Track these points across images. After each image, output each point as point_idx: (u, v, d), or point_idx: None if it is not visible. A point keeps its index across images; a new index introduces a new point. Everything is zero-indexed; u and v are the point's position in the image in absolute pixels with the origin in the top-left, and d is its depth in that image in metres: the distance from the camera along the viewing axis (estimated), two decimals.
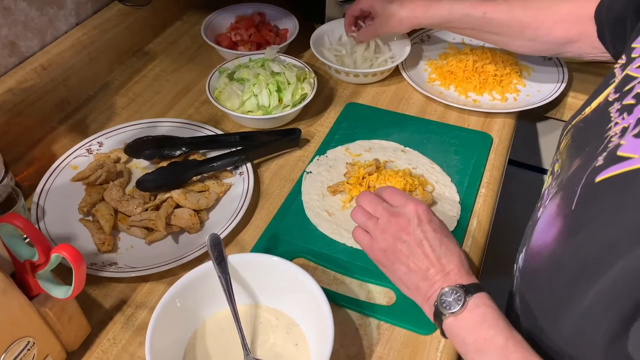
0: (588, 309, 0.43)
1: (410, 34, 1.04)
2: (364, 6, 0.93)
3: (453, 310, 0.52)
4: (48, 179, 0.77)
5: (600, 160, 0.46)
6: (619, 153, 0.44)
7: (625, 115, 0.48)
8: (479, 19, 0.82)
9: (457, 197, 0.77)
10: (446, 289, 0.53)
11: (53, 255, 0.49)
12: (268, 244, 0.71)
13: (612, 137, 0.48)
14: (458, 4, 0.83)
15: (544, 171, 1.16)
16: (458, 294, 0.52)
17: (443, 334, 0.54)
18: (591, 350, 0.44)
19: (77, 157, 0.81)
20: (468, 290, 0.53)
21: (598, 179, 0.45)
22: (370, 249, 0.61)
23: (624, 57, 0.57)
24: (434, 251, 0.56)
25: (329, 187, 0.78)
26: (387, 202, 0.62)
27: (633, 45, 0.57)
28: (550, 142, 1.11)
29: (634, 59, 0.55)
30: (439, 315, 0.53)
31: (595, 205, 0.44)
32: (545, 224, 0.50)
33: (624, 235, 0.40)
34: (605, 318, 0.41)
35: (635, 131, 0.44)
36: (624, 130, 0.47)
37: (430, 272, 0.56)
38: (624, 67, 0.56)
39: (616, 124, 0.48)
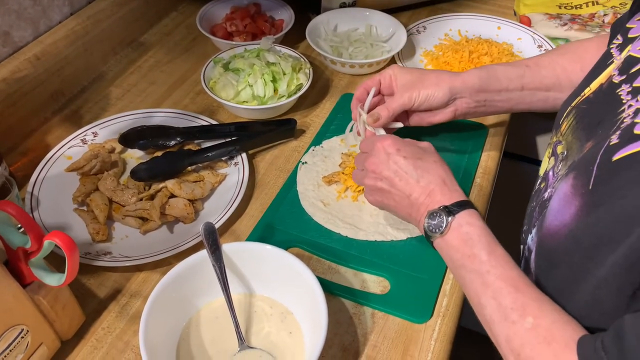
0: (605, 278, 0.44)
1: (407, 24, 1.04)
2: (385, 77, 0.74)
3: (438, 233, 0.56)
4: (42, 169, 0.77)
5: (614, 139, 0.47)
6: (636, 131, 0.45)
7: (639, 97, 0.49)
8: (526, 70, 0.73)
9: None
10: (431, 215, 0.57)
11: (45, 242, 0.49)
12: (263, 234, 0.71)
13: (624, 118, 0.49)
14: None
15: (539, 162, 1.16)
16: (441, 217, 0.56)
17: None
18: (606, 320, 0.45)
19: (71, 147, 0.81)
20: (450, 211, 0.56)
21: (616, 157, 0.46)
22: (367, 198, 0.65)
23: (619, 37, 0.57)
24: (411, 177, 0.59)
25: (324, 178, 0.77)
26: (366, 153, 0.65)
27: (628, 26, 0.57)
28: (545, 133, 1.11)
29: (633, 39, 0.55)
30: (428, 238, 0.58)
31: (614, 183, 0.45)
32: (561, 204, 0.51)
33: None
34: (625, 284, 0.43)
35: None
36: (637, 111, 0.47)
37: (413, 197, 0.59)
38: (621, 47, 0.56)
39: (630, 106, 0.49)
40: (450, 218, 0.55)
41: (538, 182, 0.63)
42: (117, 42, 1.02)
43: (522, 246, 0.61)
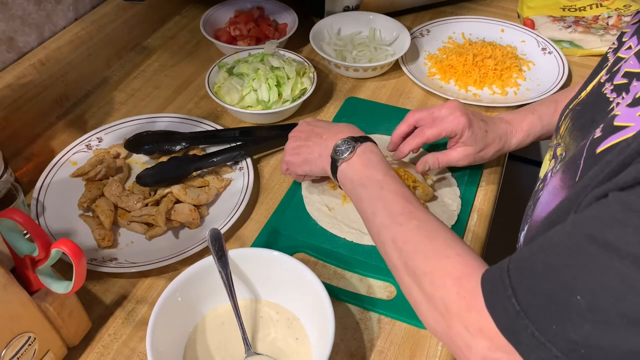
0: None
1: (410, 27, 1.04)
2: (452, 132, 0.72)
3: (344, 156, 0.62)
4: (47, 174, 0.77)
5: (598, 133, 0.48)
6: (616, 123, 0.45)
7: (624, 94, 0.49)
8: (556, 112, 0.74)
9: (457, 192, 0.77)
10: (339, 142, 0.63)
11: (53, 250, 0.49)
12: (268, 239, 0.71)
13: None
14: (536, 113, 0.76)
15: (540, 164, 1.16)
16: (349, 143, 0.62)
17: (338, 181, 0.64)
18: None
19: (76, 153, 0.81)
20: (357, 140, 0.63)
21: (599, 149, 0.46)
22: (282, 166, 0.73)
23: (615, 42, 0.59)
24: (324, 130, 0.67)
25: (329, 182, 0.77)
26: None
27: (624, 30, 0.59)
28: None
29: (625, 42, 0.56)
30: (334, 163, 0.63)
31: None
32: (549, 198, 0.52)
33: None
34: None
35: (628, 101, 0.46)
36: (618, 105, 0.48)
37: (324, 136, 0.66)
38: (615, 50, 0.57)
39: (618, 104, 0.49)
40: (357, 144, 0.62)
41: (537, 184, 0.63)
42: (121, 47, 1.02)
43: (517, 246, 0.62)
